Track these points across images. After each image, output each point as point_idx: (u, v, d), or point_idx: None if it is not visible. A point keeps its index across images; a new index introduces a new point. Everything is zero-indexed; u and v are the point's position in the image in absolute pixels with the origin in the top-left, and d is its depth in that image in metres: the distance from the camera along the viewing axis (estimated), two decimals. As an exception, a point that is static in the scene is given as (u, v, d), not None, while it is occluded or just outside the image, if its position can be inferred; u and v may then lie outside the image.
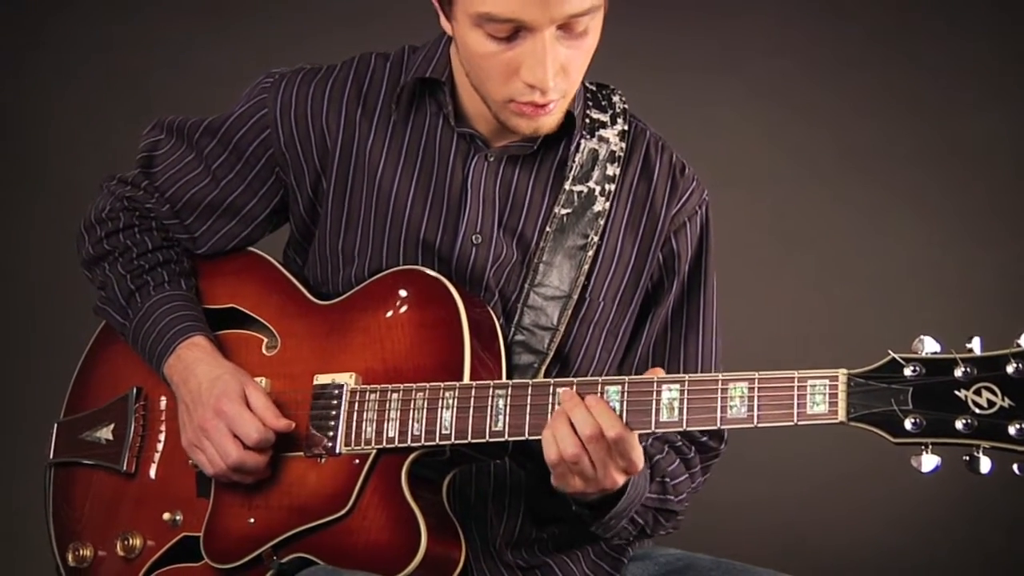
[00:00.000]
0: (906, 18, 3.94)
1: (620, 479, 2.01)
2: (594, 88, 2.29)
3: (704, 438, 2.28)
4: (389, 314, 2.16)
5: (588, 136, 2.24)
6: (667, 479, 2.23)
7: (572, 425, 1.96)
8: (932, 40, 3.94)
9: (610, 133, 2.25)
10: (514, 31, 2.01)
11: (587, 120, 2.24)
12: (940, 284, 3.89)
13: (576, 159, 2.22)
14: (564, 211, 2.21)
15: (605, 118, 2.26)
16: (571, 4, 1.98)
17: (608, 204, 2.22)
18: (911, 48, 3.94)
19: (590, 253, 2.21)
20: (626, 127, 2.26)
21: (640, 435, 2.00)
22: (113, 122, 3.82)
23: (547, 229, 2.21)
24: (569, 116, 2.19)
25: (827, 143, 3.96)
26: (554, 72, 2.03)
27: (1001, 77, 3.92)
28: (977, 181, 3.91)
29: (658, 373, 1.97)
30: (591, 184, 2.22)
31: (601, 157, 2.23)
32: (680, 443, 2.26)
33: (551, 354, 2.19)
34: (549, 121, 2.11)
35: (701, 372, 2.24)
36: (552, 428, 1.98)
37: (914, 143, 3.93)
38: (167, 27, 3.96)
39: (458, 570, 2.08)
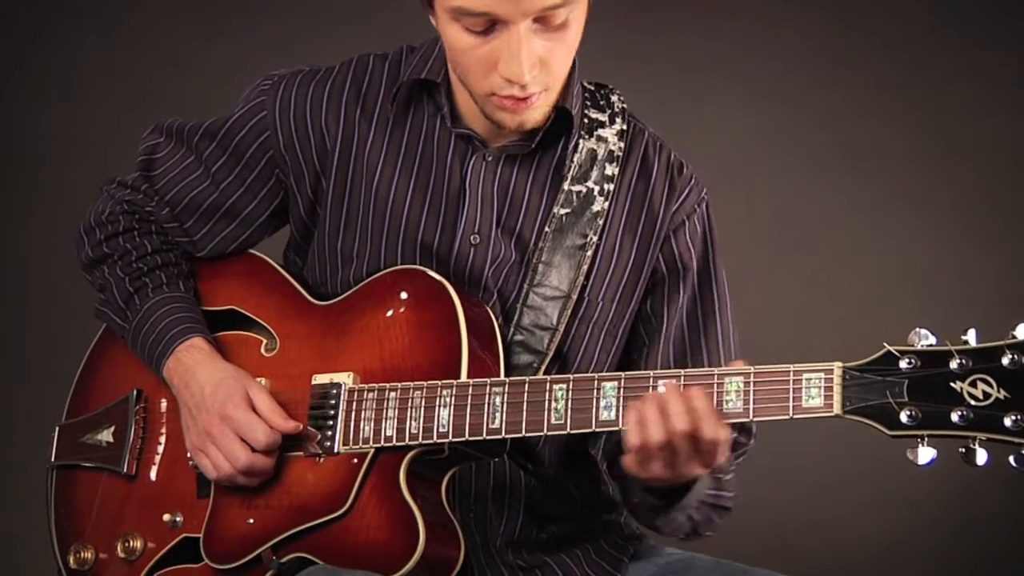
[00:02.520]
0: (906, 17, 3.94)
1: (698, 471, 1.98)
2: (593, 88, 2.29)
3: (735, 434, 2.25)
4: (387, 314, 2.16)
5: (586, 136, 2.23)
6: (720, 475, 2.20)
7: (663, 413, 1.91)
8: (932, 40, 3.94)
9: (608, 133, 2.24)
10: (490, 24, 2.01)
11: (585, 120, 2.24)
12: (941, 282, 3.89)
13: (574, 159, 2.22)
14: (563, 211, 2.21)
15: (604, 118, 2.25)
16: None
17: (607, 204, 2.21)
18: (911, 47, 3.94)
19: (589, 253, 2.20)
20: (625, 127, 2.26)
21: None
22: (113, 123, 3.83)
23: (546, 229, 2.20)
24: (567, 115, 2.19)
25: (827, 142, 3.97)
26: (530, 65, 2.01)
27: (1001, 77, 3.91)
28: (977, 179, 3.91)
29: None
30: (590, 184, 2.22)
31: (600, 157, 2.23)
32: None
33: (550, 354, 2.18)
34: (533, 115, 2.10)
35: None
36: (640, 411, 1.93)
37: (914, 141, 3.93)
38: (167, 27, 3.98)
39: (457, 569, 2.08)
